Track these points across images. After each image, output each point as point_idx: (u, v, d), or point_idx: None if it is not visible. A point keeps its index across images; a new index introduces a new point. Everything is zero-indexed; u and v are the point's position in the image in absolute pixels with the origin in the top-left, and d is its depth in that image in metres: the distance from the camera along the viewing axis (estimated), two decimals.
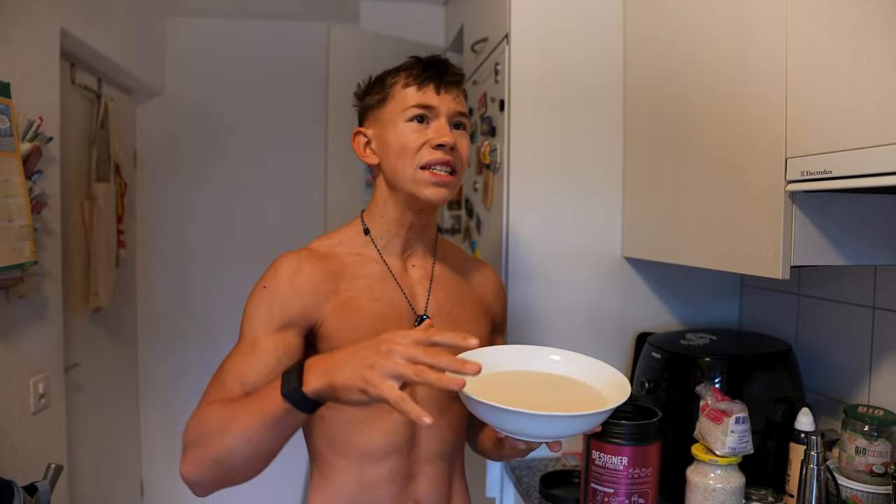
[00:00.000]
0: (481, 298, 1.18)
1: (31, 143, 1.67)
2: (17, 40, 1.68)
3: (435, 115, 1.04)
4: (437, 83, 1.04)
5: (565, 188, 1.62)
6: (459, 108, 1.06)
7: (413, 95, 1.04)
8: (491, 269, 1.24)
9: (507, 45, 1.61)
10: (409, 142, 1.02)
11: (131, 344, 2.96)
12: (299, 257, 1.03)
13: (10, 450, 1.63)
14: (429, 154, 1.02)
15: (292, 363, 0.91)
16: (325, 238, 1.11)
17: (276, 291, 0.99)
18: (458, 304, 1.12)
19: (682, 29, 1.35)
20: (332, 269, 1.04)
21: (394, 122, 1.04)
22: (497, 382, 0.92)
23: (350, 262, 1.07)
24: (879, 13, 0.84)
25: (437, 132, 1.02)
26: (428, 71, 1.04)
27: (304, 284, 1.00)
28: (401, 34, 2.63)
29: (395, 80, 1.06)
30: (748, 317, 1.68)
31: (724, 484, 1.15)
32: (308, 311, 1.00)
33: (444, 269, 1.15)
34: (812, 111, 0.97)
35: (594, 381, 0.95)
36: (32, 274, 1.73)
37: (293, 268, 1.01)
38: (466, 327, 1.10)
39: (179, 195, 3.02)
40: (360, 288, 1.04)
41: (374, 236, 1.10)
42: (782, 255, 1.03)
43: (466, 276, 1.18)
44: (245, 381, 0.94)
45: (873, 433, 1.10)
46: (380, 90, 1.08)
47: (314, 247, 1.08)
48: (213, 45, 3.00)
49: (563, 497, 1.33)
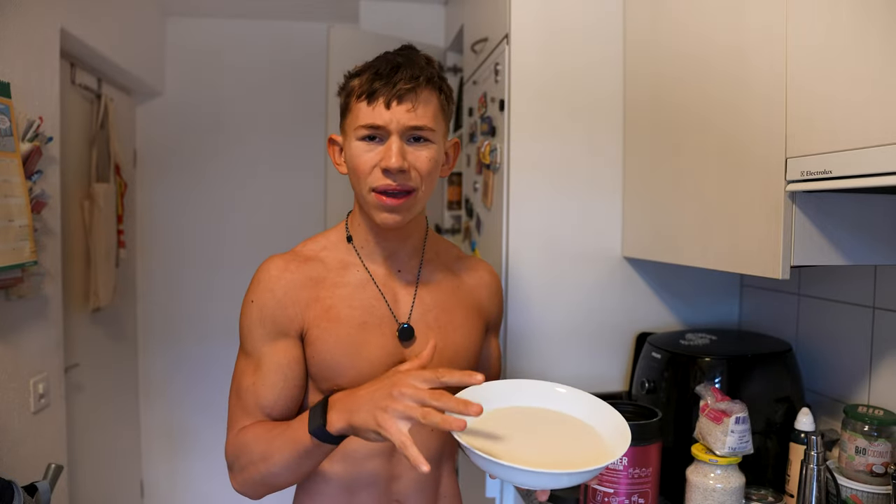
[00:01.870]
0: (475, 300, 1.14)
1: (31, 143, 1.67)
2: (17, 40, 1.68)
3: (386, 134, 0.96)
4: (388, 96, 0.95)
5: (565, 188, 1.62)
6: (413, 121, 0.96)
7: (363, 113, 0.96)
8: (487, 268, 1.19)
9: (507, 45, 1.61)
10: (360, 163, 0.98)
11: (131, 344, 2.96)
12: (280, 265, 1.03)
13: (10, 450, 1.63)
14: (378, 178, 0.96)
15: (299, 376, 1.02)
16: (311, 241, 1.09)
17: (263, 305, 1.01)
18: (446, 309, 1.09)
19: (683, 29, 1.35)
20: (312, 275, 1.03)
21: (349, 138, 1.00)
22: (497, 421, 0.90)
23: (333, 268, 1.05)
24: (879, 13, 0.84)
25: (386, 156, 0.95)
26: (378, 80, 0.95)
27: (286, 295, 1.01)
28: (401, 34, 2.63)
29: (352, 88, 0.99)
30: (748, 317, 1.68)
31: (724, 484, 1.15)
32: (293, 320, 1.02)
33: (432, 272, 1.11)
34: (812, 111, 0.97)
35: (597, 423, 0.93)
36: (32, 274, 1.73)
37: (274, 277, 1.02)
38: (454, 333, 1.08)
39: (179, 195, 3.02)
40: (339, 296, 1.03)
41: (355, 244, 1.08)
42: (782, 255, 1.03)
43: (459, 277, 1.14)
44: (262, 402, 1.01)
45: (873, 433, 1.10)
46: (343, 94, 1.03)
47: (299, 250, 1.07)
48: (213, 45, 3.01)
49: (563, 497, 1.33)
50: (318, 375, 1.03)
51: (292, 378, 1.02)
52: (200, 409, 3.01)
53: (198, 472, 3.04)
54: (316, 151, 2.98)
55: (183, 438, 3.04)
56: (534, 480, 0.79)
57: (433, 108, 0.99)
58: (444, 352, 1.06)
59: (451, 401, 0.79)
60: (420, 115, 0.97)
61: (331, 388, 1.01)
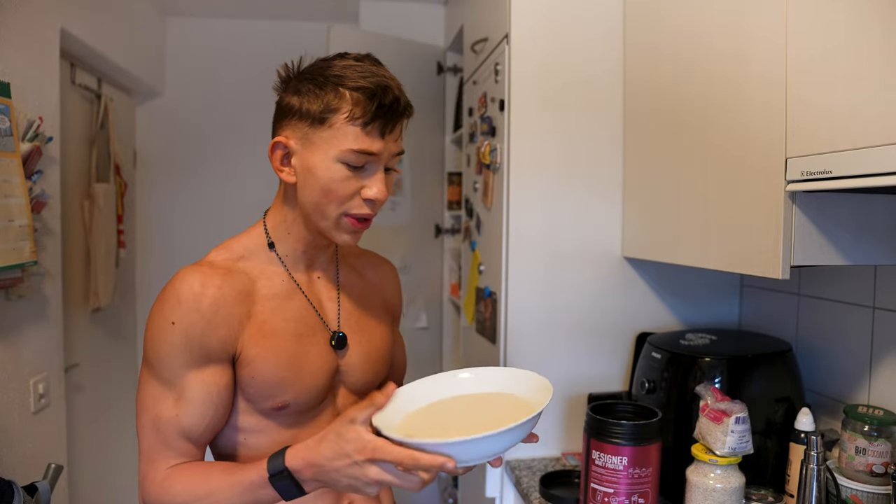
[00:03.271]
0: (383, 297, 1.15)
1: (31, 143, 1.67)
2: (17, 40, 1.68)
3: (375, 162, 0.93)
4: (385, 124, 0.92)
5: (565, 188, 1.62)
6: (398, 149, 0.96)
7: (355, 137, 0.91)
8: (386, 263, 1.20)
9: (507, 45, 1.61)
10: (338, 188, 0.92)
11: (131, 344, 2.95)
12: (200, 279, 0.92)
13: (10, 450, 1.63)
14: (358, 206, 0.94)
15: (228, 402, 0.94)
16: (223, 249, 1.00)
17: (189, 327, 0.91)
18: (365, 310, 1.08)
19: (683, 29, 1.35)
20: (240, 289, 0.95)
21: (325, 156, 0.92)
22: (425, 418, 0.92)
23: (257, 278, 0.98)
24: (878, 14, 0.84)
25: (372, 185, 0.93)
26: (380, 110, 0.91)
27: (215, 314, 0.92)
28: (401, 34, 2.64)
29: (338, 106, 0.91)
30: (748, 317, 1.68)
31: (724, 484, 1.15)
32: (225, 343, 0.93)
33: (347, 274, 1.10)
34: (812, 111, 0.97)
35: (515, 389, 0.96)
36: (32, 274, 1.73)
37: (197, 293, 0.91)
38: (374, 333, 1.08)
39: (179, 195, 3.02)
40: (271, 309, 0.97)
41: (279, 252, 1.01)
42: (782, 255, 1.03)
43: (367, 275, 1.15)
44: (187, 433, 0.92)
45: (873, 433, 1.10)
46: (315, 100, 0.93)
47: (215, 261, 0.98)
48: (213, 45, 3.01)
49: (563, 497, 1.33)
50: (256, 396, 0.96)
51: (222, 406, 0.94)
52: None
53: None
54: None
55: None
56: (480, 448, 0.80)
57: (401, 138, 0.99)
58: (370, 353, 1.05)
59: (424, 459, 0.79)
60: (400, 143, 0.97)
61: (275, 406, 0.96)
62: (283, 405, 0.96)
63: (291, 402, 0.96)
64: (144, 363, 0.94)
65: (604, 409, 1.24)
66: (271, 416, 0.97)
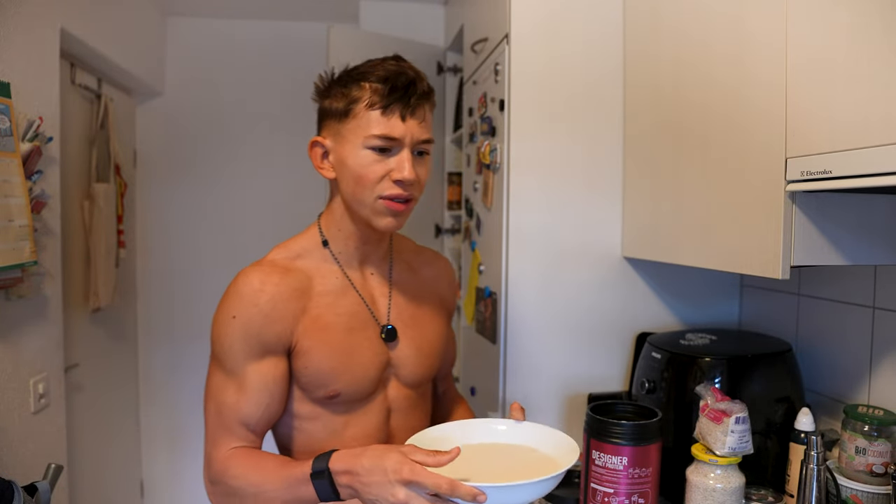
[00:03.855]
0: (437, 293, 1.20)
1: (31, 143, 1.67)
2: (17, 40, 1.68)
3: (399, 146, 0.98)
4: (404, 107, 0.97)
5: (565, 188, 1.62)
6: (424, 135, 1.00)
7: (377, 122, 0.97)
8: (442, 260, 1.26)
9: (507, 45, 1.61)
10: (368, 172, 0.98)
11: (131, 344, 2.95)
12: (260, 277, 1.01)
13: (10, 450, 1.63)
14: (389, 187, 0.99)
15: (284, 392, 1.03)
16: (283, 249, 1.08)
17: (248, 322, 0.99)
18: (418, 306, 1.14)
19: (682, 30, 1.35)
20: (296, 286, 1.03)
21: (353, 145, 0.99)
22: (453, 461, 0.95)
23: (313, 276, 1.05)
24: (878, 14, 0.84)
25: (399, 167, 0.98)
26: (394, 93, 0.97)
27: (274, 310, 0.99)
28: (401, 34, 2.63)
29: (360, 96, 0.98)
30: (748, 317, 1.68)
31: (724, 484, 1.15)
32: (281, 337, 1.01)
33: (401, 271, 1.16)
34: (812, 111, 0.97)
35: (544, 446, 1.01)
36: (32, 274, 1.73)
37: (257, 290, 0.99)
38: (427, 329, 1.14)
39: (179, 195, 3.02)
40: (325, 304, 1.04)
41: (332, 249, 1.08)
42: (782, 255, 1.03)
43: (422, 272, 1.20)
44: (246, 420, 1.01)
45: (873, 433, 1.10)
46: (342, 98, 1.00)
47: (275, 260, 1.06)
48: (213, 45, 3.00)
49: (563, 497, 1.33)
50: (310, 385, 1.03)
51: (278, 395, 1.02)
52: (200, 409, 2.97)
53: (198, 472, 3.01)
54: None
55: (183, 438, 3.03)
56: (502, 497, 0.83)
57: (431, 122, 1.04)
58: (421, 347, 1.11)
59: (461, 489, 0.80)
60: (427, 128, 1.02)
61: (327, 395, 1.03)
62: (334, 394, 1.03)
63: (342, 392, 1.03)
64: (211, 354, 1.04)
65: (604, 409, 1.23)
66: (324, 405, 1.05)
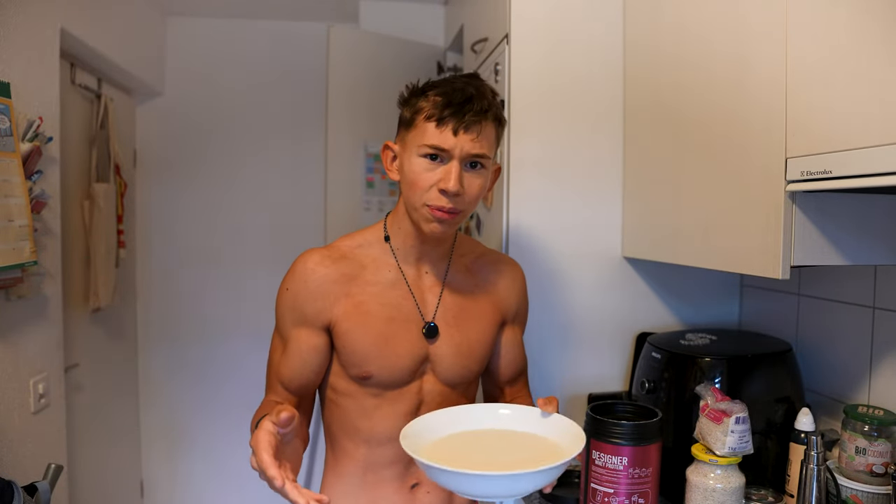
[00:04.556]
0: (493, 297, 1.23)
1: (31, 143, 1.67)
2: (17, 40, 1.68)
3: (448, 157, 1.04)
4: (457, 123, 1.03)
5: (565, 188, 1.62)
6: (476, 150, 1.04)
7: (430, 133, 1.03)
8: (509, 263, 1.28)
9: (507, 45, 1.61)
10: (419, 179, 1.05)
11: (131, 344, 2.95)
12: (316, 259, 1.12)
13: (10, 450, 1.63)
14: (435, 197, 1.05)
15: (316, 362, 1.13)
16: (348, 238, 1.18)
17: (296, 294, 1.12)
18: (464, 308, 1.18)
19: (682, 29, 1.35)
20: (346, 272, 1.12)
21: (411, 153, 1.07)
22: (453, 445, 0.96)
23: (367, 266, 1.14)
24: (879, 14, 0.84)
25: (446, 177, 1.03)
26: (449, 108, 1.03)
27: (318, 287, 1.10)
28: (401, 34, 2.63)
29: (422, 107, 1.05)
30: (748, 317, 1.68)
31: (724, 484, 1.15)
32: (321, 313, 1.11)
33: (456, 273, 1.20)
34: (812, 111, 0.97)
35: (549, 433, 1.00)
36: (32, 274, 1.73)
37: (309, 269, 1.11)
38: (469, 329, 1.17)
39: (179, 195, 3.02)
40: (370, 293, 1.12)
41: (392, 245, 1.16)
42: (782, 255, 1.03)
43: (482, 275, 1.23)
44: (282, 379, 1.14)
45: (873, 433, 1.10)
46: (411, 108, 1.08)
47: (337, 245, 1.16)
48: (213, 45, 3.00)
49: (563, 497, 1.33)
50: (347, 363, 1.13)
51: (310, 363, 1.13)
52: (200, 409, 3.01)
53: (198, 472, 3.04)
54: (316, 151, 2.98)
55: (183, 438, 3.03)
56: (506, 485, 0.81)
57: (492, 139, 1.08)
58: (460, 347, 1.16)
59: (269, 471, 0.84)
60: (482, 145, 1.06)
61: (360, 374, 1.12)
62: (367, 375, 1.12)
63: (375, 374, 1.11)
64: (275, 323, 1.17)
65: (604, 409, 1.23)
66: (358, 383, 1.14)
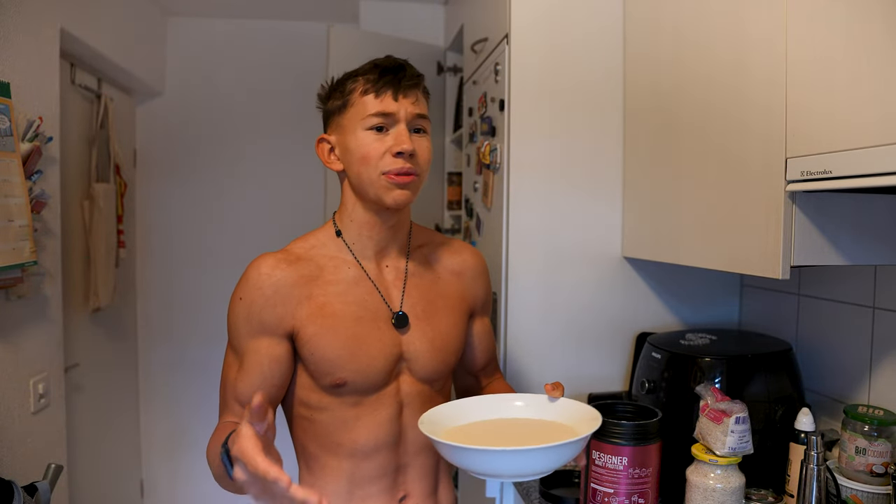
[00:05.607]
0: (458, 286, 1.20)
1: (30, 143, 1.67)
2: (17, 40, 1.68)
3: (394, 122, 1.04)
4: (395, 89, 1.04)
5: (565, 188, 1.62)
6: (418, 110, 1.06)
7: (371, 103, 1.04)
8: (469, 251, 1.24)
9: (507, 45, 1.61)
10: (370, 150, 1.03)
11: (131, 344, 2.96)
12: (271, 263, 1.05)
13: (10, 450, 1.63)
14: (390, 162, 1.03)
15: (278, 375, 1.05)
16: (301, 240, 1.12)
17: (251, 303, 1.04)
18: (431, 301, 1.14)
19: (682, 28, 1.35)
20: (305, 273, 1.06)
21: (354, 130, 1.05)
22: (469, 432, 0.97)
23: (325, 265, 1.09)
24: (879, 14, 0.84)
25: (397, 140, 1.03)
26: (385, 77, 1.05)
27: (276, 293, 1.04)
28: (401, 34, 2.63)
29: (354, 87, 1.06)
30: (748, 317, 1.68)
31: (724, 484, 1.15)
32: (282, 319, 1.04)
33: (417, 265, 1.16)
34: (812, 111, 0.97)
35: (564, 418, 1.02)
36: (32, 274, 1.73)
37: (264, 275, 1.04)
38: (440, 322, 1.13)
39: (179, 195, 3.02)
40: (332, 293, 1.07)
41: (347, 240, 1.11)
42: (782, 255, 1.03)
43: (443, 265, 1.19)
44: (239, 398, 1.05)
45: (873, 433, 1.10)
46: (340, 96, 1.08)
47: (291, 248, 1.10)
48: (213, 45, 3.00)
49: (563, 497, 1.33)
50: (317, 372, 1.05)
51: (271, 376, 1.04)
52: (200, 409, 3.01)
53: (198, 472, 3.04)
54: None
55: (183, 438, 3.04)
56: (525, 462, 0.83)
57: (425, 105, 1.10)
58: (434, 341, 1.11)
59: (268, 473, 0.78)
60: (421, 107, 1.08)
61: (333, 382, 1.04)
62: (341, 382, 1.04)
63: (349, 381, 1.04)
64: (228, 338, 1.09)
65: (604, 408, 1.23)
66: (333, 394, 1.06)
